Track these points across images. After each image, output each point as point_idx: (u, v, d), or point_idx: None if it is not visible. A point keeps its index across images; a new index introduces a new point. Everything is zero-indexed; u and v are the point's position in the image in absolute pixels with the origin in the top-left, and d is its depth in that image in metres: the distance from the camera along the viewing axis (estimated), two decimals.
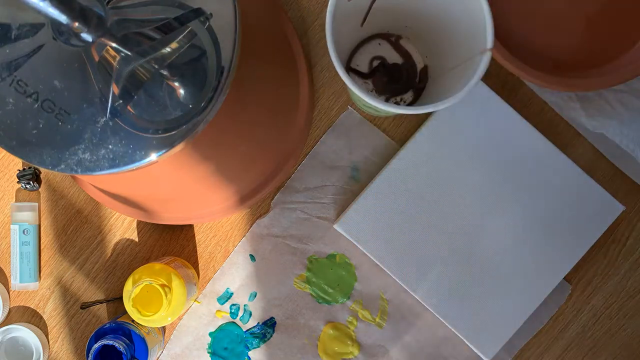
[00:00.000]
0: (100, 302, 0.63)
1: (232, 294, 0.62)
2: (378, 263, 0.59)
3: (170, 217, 0.58)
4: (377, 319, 0.62)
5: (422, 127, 0.60)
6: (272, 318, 0.62)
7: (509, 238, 0.59)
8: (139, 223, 0.63)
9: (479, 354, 0.59)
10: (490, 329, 0.59)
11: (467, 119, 0.59)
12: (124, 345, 0.53)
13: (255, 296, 0.62)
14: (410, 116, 0.62)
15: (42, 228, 0.63)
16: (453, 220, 0.59)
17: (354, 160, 0.62)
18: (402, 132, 0.62)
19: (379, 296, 0.62)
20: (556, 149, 0.59)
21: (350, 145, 0.62)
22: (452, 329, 0.59)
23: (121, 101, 0.38)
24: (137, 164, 0.39)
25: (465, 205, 0.59)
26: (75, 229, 0.63)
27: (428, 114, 0.60)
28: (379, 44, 0.60)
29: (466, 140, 0.59)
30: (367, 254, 0.59)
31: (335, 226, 0.60)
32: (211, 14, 0.39)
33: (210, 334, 0.62)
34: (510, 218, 0.59)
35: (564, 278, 0.61)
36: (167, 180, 0.50)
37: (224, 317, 0.62)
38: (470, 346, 0.59)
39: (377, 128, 0.62)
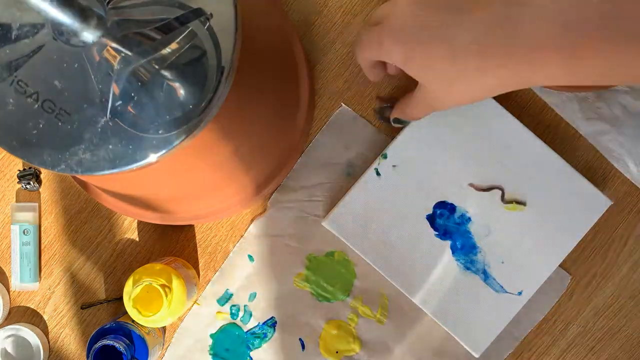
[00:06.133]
0: (100, 302, 0.63)
1: (232, 294, 0.62)
2: (365, 259, 0.59)
3: (174, 217, 0.58)
4: (378, 315, 0.62)
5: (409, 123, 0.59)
6: (272, 318, 0.62)
7: (499, 233, 0.59)
8: (139, 223, 0.63)
9: (470, 350, 0.59)
10: (481, 326, 0.59)
11: (454, 113, 0.59)
12: (124, 345, 0.53)
13: (255, 296, 0.62)
14: None
15: (42, 228, 0.63)
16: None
17: (349, 157, 0.62)
18: (396, 127, 0.62)
19: (379, 292, 0.62)
20: (543, 143, 0.59)
21: (345, 142, 0.62)
22: (439, 324, 0.59)
23: (121, 101, 0.38)
24: (137, 164, 0.39)
25: (454, 200, 0.59)
26: (75, 229, 0.63)
27: None
28: None
29: (453, 134, 0.59)
30: (355, 250, 0.59)
31: (324, 223, 0.60)
32: (211, 14, 0.39)
33: (212, 336, 0.62)
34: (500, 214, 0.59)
35: (565, 269, 0.62)
36: (168, 180, 0.50)
37: (224, 318, 0.62)
38: (461, 342, 0.59)
39: (371, 124, 0.62)
